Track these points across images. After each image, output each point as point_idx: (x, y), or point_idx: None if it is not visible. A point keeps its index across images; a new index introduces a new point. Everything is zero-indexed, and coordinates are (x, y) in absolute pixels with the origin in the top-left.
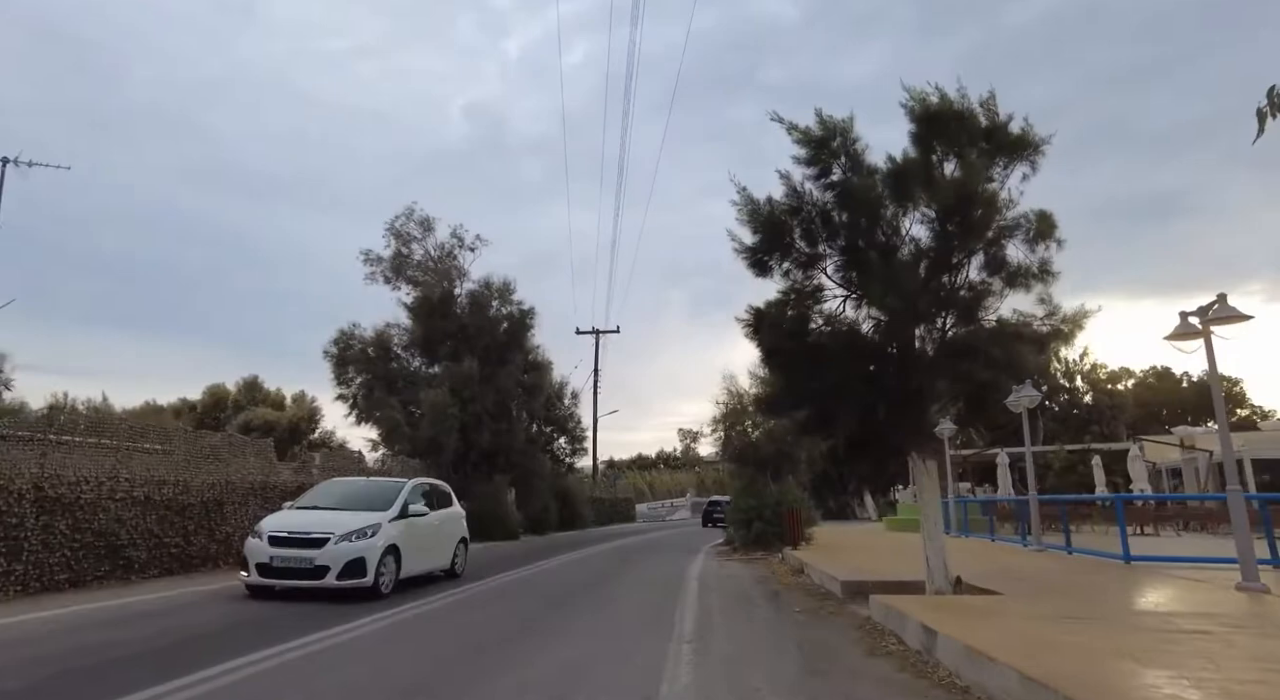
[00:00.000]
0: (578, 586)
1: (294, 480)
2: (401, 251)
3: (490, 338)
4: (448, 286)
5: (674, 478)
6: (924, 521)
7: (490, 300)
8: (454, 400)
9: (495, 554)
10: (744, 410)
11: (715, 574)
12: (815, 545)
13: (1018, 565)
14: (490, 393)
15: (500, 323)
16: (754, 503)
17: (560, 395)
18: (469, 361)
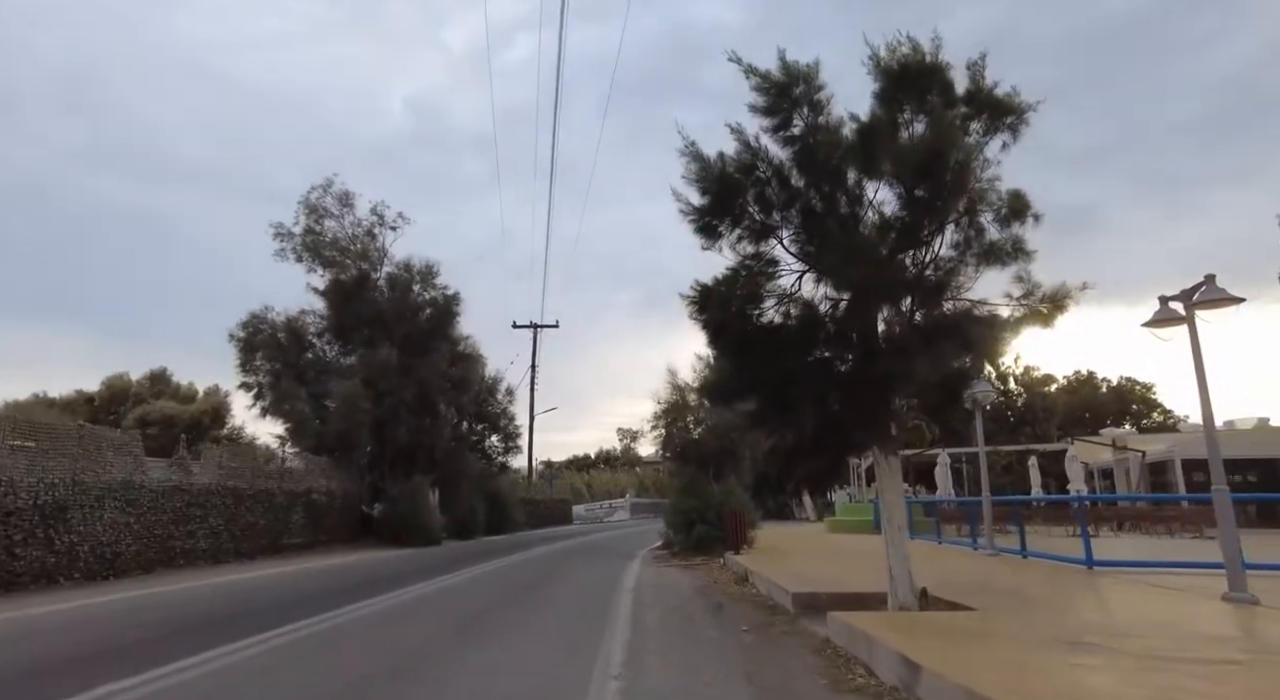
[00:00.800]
0: (493, 602)
1: (167, 479)
2: (314, 228)
3: (411, 325)
4: (365, 268)
5: (613, 478)
6: (886, 526)
7: (412, 284)
8: (369, 392)
9: (406, 563)
10: (686, 405)
11: (652, 583)
12: (758, 549)
13: (977, 572)
14: (411, 385)
15: (423, 309)
16: (695, 503)
17: (493, 390)
18: (387, 350)
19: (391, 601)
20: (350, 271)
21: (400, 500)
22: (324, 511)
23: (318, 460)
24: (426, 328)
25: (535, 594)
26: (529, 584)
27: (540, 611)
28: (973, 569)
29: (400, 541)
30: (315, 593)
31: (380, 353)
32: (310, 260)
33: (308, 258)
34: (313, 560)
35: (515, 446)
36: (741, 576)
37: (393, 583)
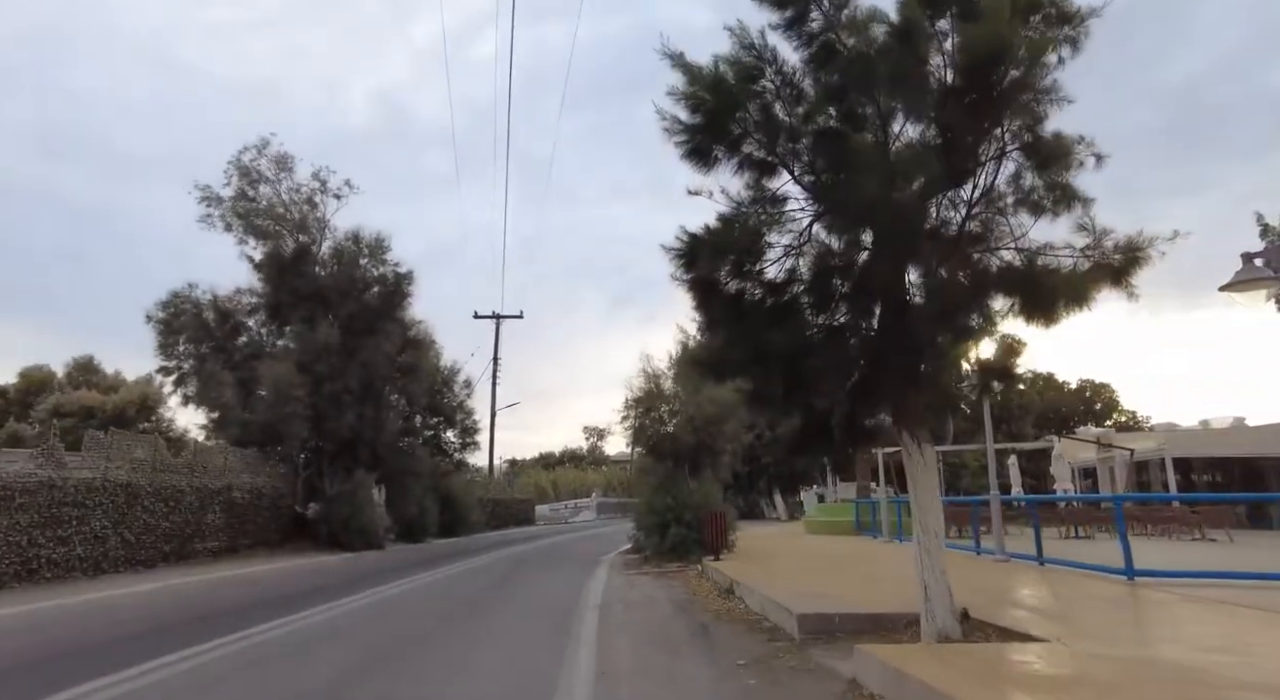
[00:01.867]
0: (424, 629)
1: (31, 474)
2: (247, 193)
3: (357, 303)
4: (305, 239)
5: (579, 476)
6: (920, 533)
7: (359, 257)
8: (304, 378)
9: (335, 572)
10: (661, 394)
11: (622, 598)
12: (739, 553)
13: (1000, 584)
14: (354, 370)
15: (370, 286)
16: (669, 503)
17: (449, 382)
18: (326, 329)
19: (292, 627)
20: (288, 243)
21: (338, 499)
22: (247, 511)
23: (243, 453)
24: (374, 307)
25: (479, 616)
26: (474, 601)
27: (485, 639)
28: (993, 580)
29: (338, 545)
30: (193, 615)
31: (319, 333)
32: (242, 230)
33: (239, 227)
34: (226, 568)
35: (473, 442)
36: (726, 588)
37: (308, 598)
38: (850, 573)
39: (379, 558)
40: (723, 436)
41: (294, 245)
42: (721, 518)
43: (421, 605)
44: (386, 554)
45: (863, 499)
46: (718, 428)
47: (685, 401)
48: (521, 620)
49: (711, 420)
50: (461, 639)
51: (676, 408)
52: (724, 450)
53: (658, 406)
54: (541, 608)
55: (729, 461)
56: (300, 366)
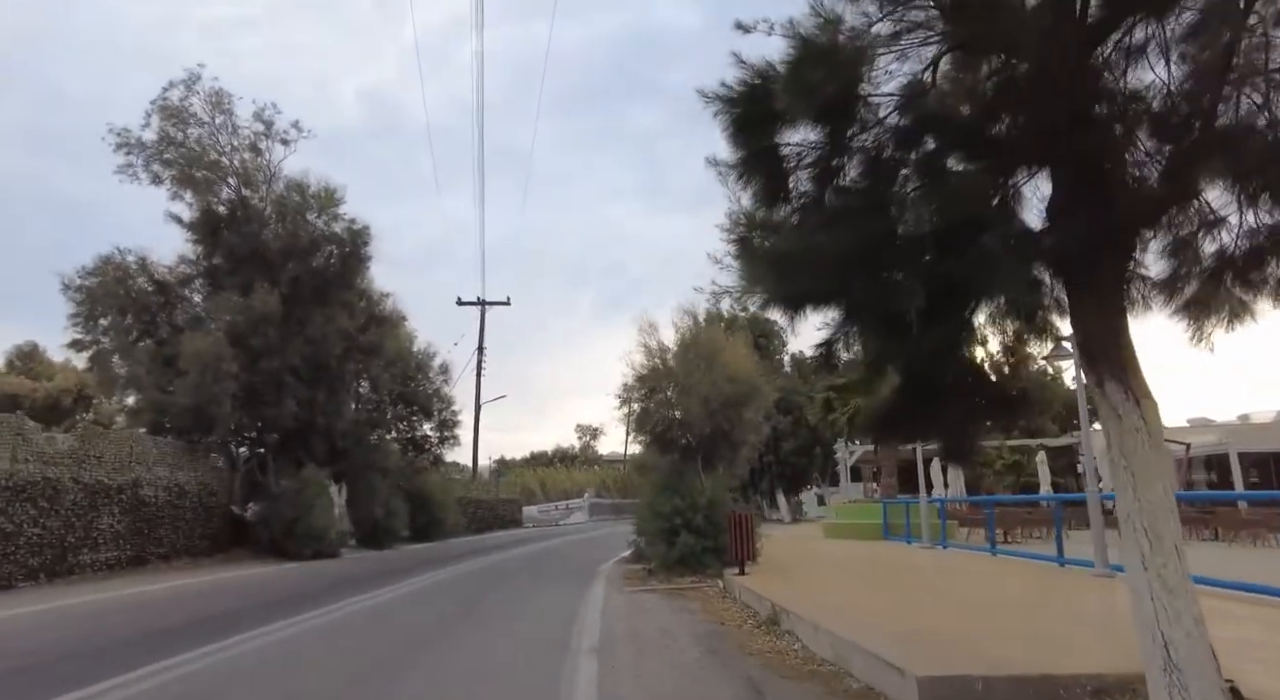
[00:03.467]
0: (334, 690)
1: None
2: (174, 136)
3: (302, 266)
4: (246, 193)
5: (570, 476)
6: (1144, 549)
7: (305, 211)
8: (238, 352)
9: (257, 593)
10: (668, 372)
11: (628, 629)
12: (765, 564)
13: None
14: (299, 345)
15: (321, 246)
16: (679, 504)
17: (423, 367)
18: (264, 293)
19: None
20: (224, 196)
21: (283, 498)
22: (162, 513)
23: (158, 442)
24: (327, 270)
25: (420, 670)
26: (422, 640)
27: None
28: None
29: (283, 553)
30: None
31: (254, 298)
32: (174, 183)
33: (170, 178)
34: (119, 585)
35: (452, 437)
36: (768, 617)
37: (183, 637)
38: (928, 593)
39: (328, 569)
40: (742, 424)
41: (232, 198)
42: (747, 521)
43: (346, 648)
44: (340, 564)
45: (889, 499)
46: (737, 413)
47: (699, 380)
48: (482, 681)
49: (730, 402)
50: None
51: (691, 383)
52: (743, 441)
53: (664, 387)
54: (516, 652)
55: (747, 455)
56: (233, 339)
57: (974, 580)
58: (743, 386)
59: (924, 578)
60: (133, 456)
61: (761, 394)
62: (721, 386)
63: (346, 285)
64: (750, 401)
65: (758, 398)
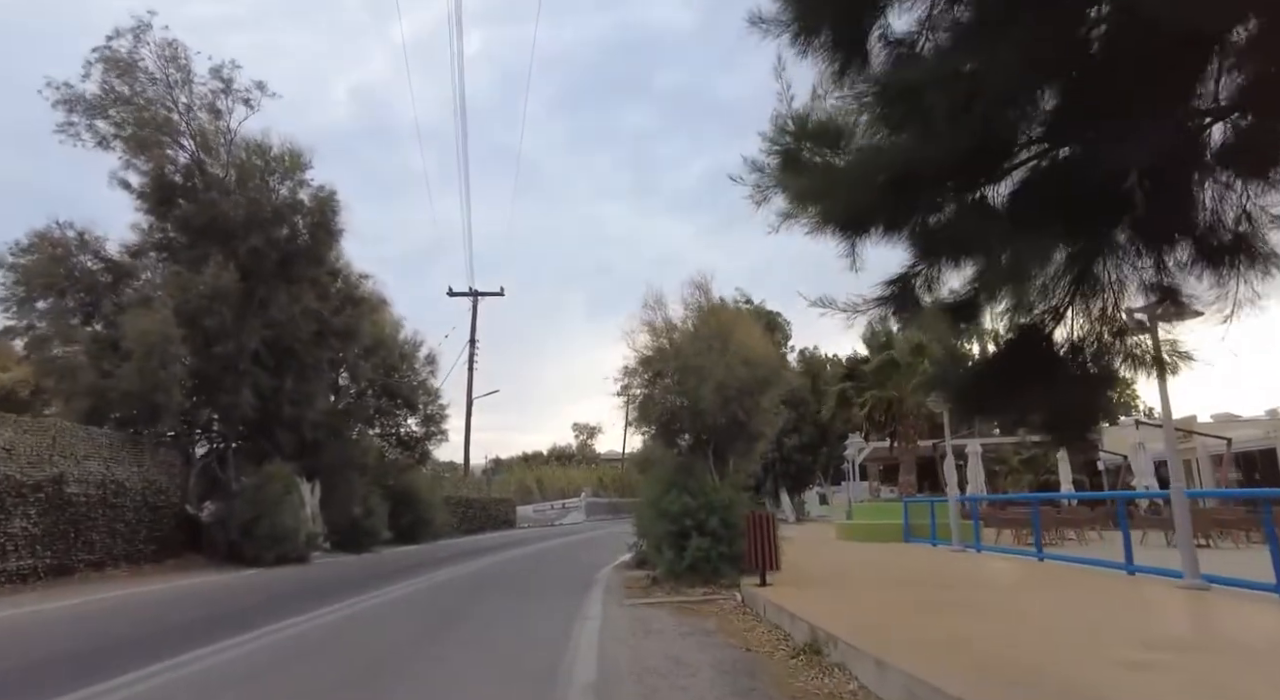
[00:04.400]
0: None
1: None
2: (120, 92)
3: (266, 237)
4: (203, 157)
5: (567, 475)
6: None
7: (267, 175)
8: (189, 333)
9: (212, 603)
10: (677, 352)
11: (631, 660)
12: (791, 575)
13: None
14: (260, 325)
15: (286, 216)
16: (691, 503)
17: (407, 357)
18: (217, 267)
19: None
20: (179, 160)
21: (243, 497)
22: (94, 513)
23: (92, 433)
24: (293, 244)
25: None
26: (376, 674)
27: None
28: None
29: (242, 558)
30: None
31: (205, 272)
32: (125, 147)
33: (118, 141)
34: (23, 602)
35: (440, 432)
36: (804, 642)
37: (65, 671)
38: (1001, 612)
39: (290, 576)
40: (759, 413)
41: (187, 162)
42: (769, 524)
43: (277, 689)
44: (307, 570)
45: (909, 498)
46: (754, 400)
47: (711, 362)
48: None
49: (746, 388)
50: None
51: (702, 366)
52: (760, 432)
53: (671, 370)
54: (493, 692)
55: (762, 449)
56: (182, 319)
57: (1043, 594)
58: (760, 370)
59: (980, 590)
60: (55, 448)
61: (781, 379)
62: (736, 370)
63: (316, 260)
64: (768, 388)
65: (777, 383)
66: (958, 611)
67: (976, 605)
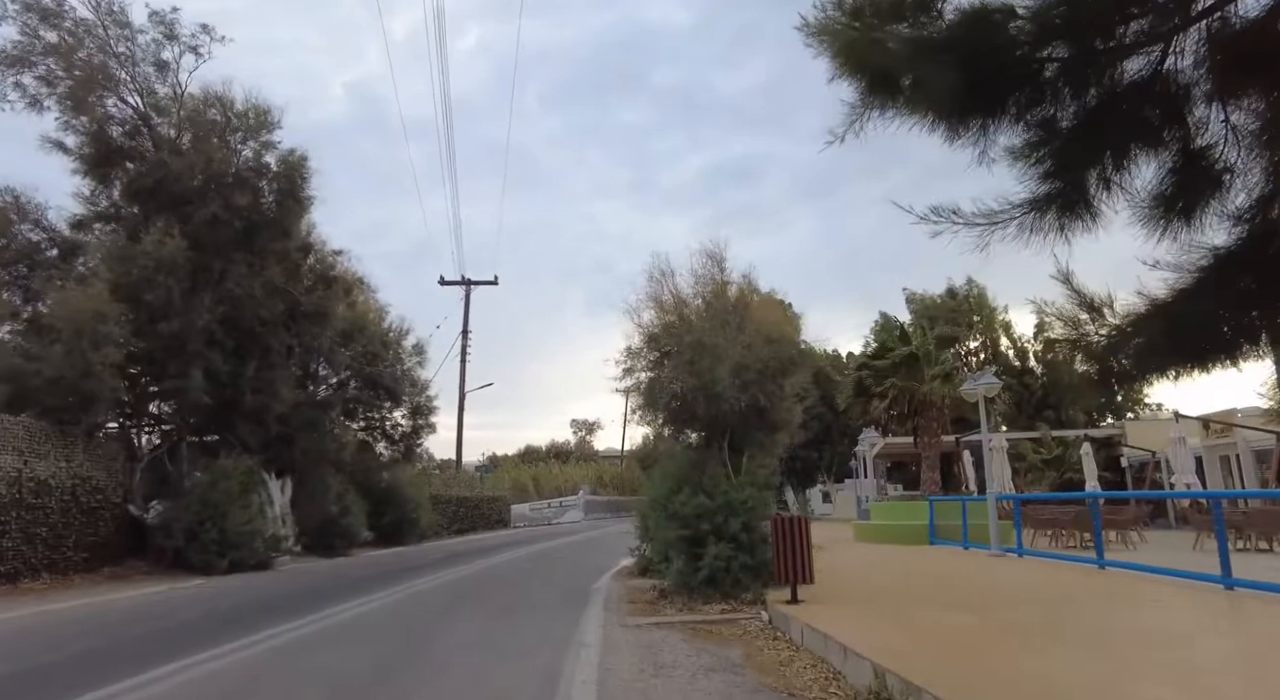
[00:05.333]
0: None
1: None
2: (45, 38)
3: (223, 202)
4: (149, 111)
5: (564, 472)
6: None
7: (225, 133)
8: (127, 310)
9: (132, 625)
10: (689, 327)
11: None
12: (826, 588)
13: None
14: (211, 301)
15: (247, 180)
16: (707, 504)
17: (390, 345)
18: (158, 234)
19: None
20: (122, 117)
21: (191, 496)
22: (4, 517)
23: (4, 423)
24: (255, 213)
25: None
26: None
27: None
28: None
29: (187, 566)
30: None
31: (145, 241)
32: (62, 108)
33: (55, 100)
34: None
35: (427, 426)
36: (871, 689)
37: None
38: (1113, 640)
39: (242, 587)
40: (782, 400)
41: (132, 117)
42: (800, 529)
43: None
44: (265, 579)
45: (935, 496)
46: (776, 384)
47: (728, 340)
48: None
49: (769, 371)
50: None
51: (718, 344)
52: (783, 421)
53: (683, 348)
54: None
55: (783, 440)
56: (122, 294)
57: (1147, 615)
58: (784, 349)
59: (1063, 608)
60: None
61: (807, 360)
62: (757, 349)
63: (283, 232)
64: (793, 370)
65: (802, 366)
66: (1059, 642)
67: (1076, 632)
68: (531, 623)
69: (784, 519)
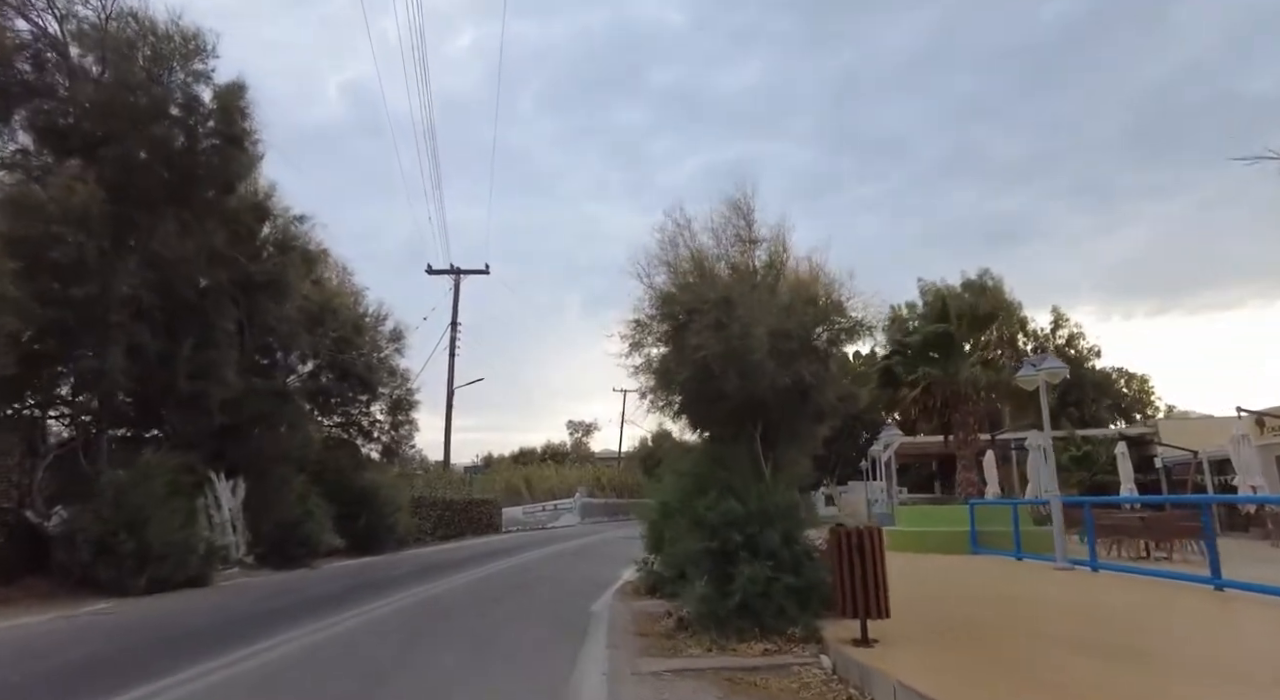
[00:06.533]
0: None
1: None
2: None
3: (144, 141)
4: (63, 37)
5: (560, 474)
6: None
7: (152, 63)
8: (26, 267)
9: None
10: (713, 282)
11: None
12: (905, 620)
13: None
14: (133, 264)
15: (181, 119)
16: (738, 511)
17: (363, 329)
18: (69, 179)
19: None
20: (27, 43)
21: (102, 500)
22: None
23: None
24: (187, 158)
25: None
26: None
27: None
28: None
29: (96, 585)
30: None
31: (50, 188)
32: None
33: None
34: None
35: (407, 421)
36: None
37: None
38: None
39: (150, 616)
40: (827, 379)
41: (31, 42)
42: (875, 543)
43: None
44: (196, 599)
45: (974, 500)
46: (822, 358)
47: (761, 302)
48: None
49: (816, 341)
50: None
51: (750, 307)
52: (831, 406)
53: (709, 305)
54: None
55: (824, 432)
56: (22, 251)
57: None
58: (832, 314)
59: (1235, 649)
60: None
61: (863, 330)
62: (799, 313)
63: (224, 185)
64: (847, 337)
65: (859, 334)
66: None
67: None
68: (512, 670)
69: (848, 532)
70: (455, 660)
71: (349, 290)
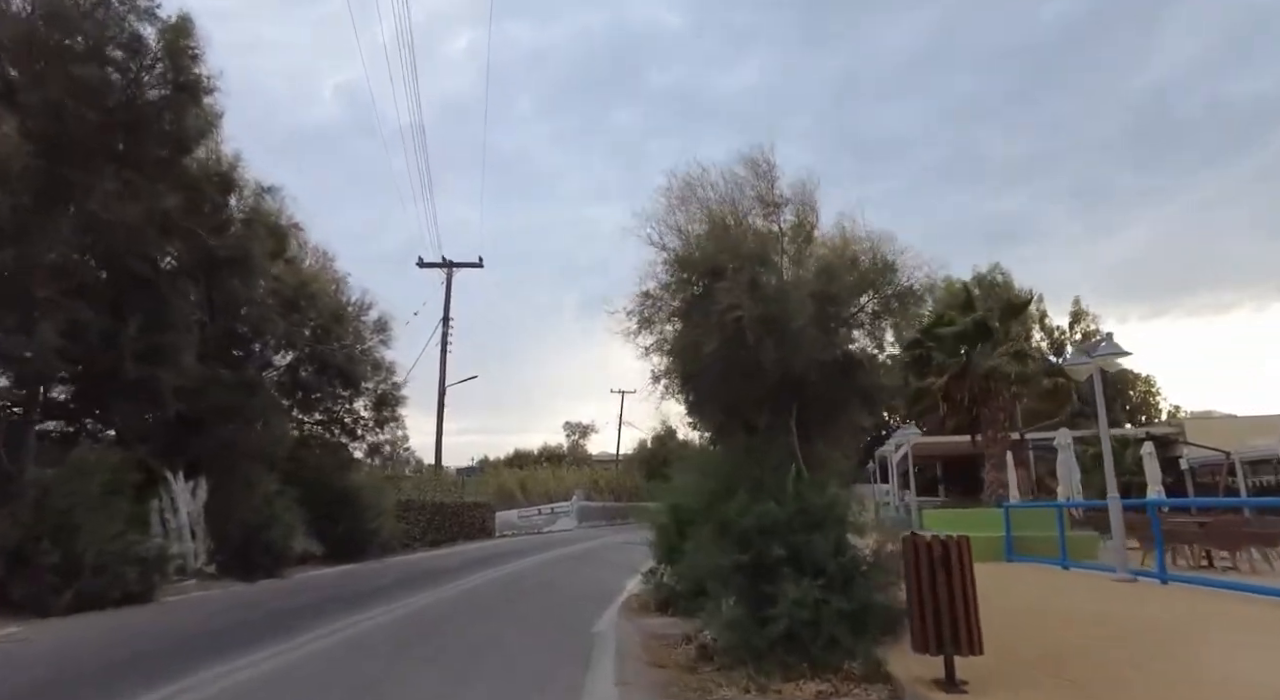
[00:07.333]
0: None
1: None
2: None
3: (70, 82)
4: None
5: (556, 476)
6: None
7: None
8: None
9: None
10: (743, 234)
11: None
12: (988, 651)
13: None
14: (66, 230)
15: (120, 61)
16: (778, 514)
17: (345, 317)
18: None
19: None
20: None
21: (22, 503)
22: None
23: None
24: (129, 108)
25: None
26: None
27: None
28: None
29: (9, 603)
30: None
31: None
32: None
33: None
34: None
35: (394, 418)
36: None
37: None
38: None
39: (73, 640)
40: (877, 360)
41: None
42: (963, 557)
43: None
44: (125, 620)
45: (1009, 503)
46: (877, 326)
47: (797, 260)
48: None
49: (865, 308)
50: None
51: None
52: (880, 388)
53: (741, 260)
54: None
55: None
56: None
57: None
58: (878, 278)
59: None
60: None
61: (913, 296)
62: (840, 275)
63: (176, 144)
64: (899, 307)
65: (912, 304)
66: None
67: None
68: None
69: (928, 543)
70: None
71: (329, 276)
